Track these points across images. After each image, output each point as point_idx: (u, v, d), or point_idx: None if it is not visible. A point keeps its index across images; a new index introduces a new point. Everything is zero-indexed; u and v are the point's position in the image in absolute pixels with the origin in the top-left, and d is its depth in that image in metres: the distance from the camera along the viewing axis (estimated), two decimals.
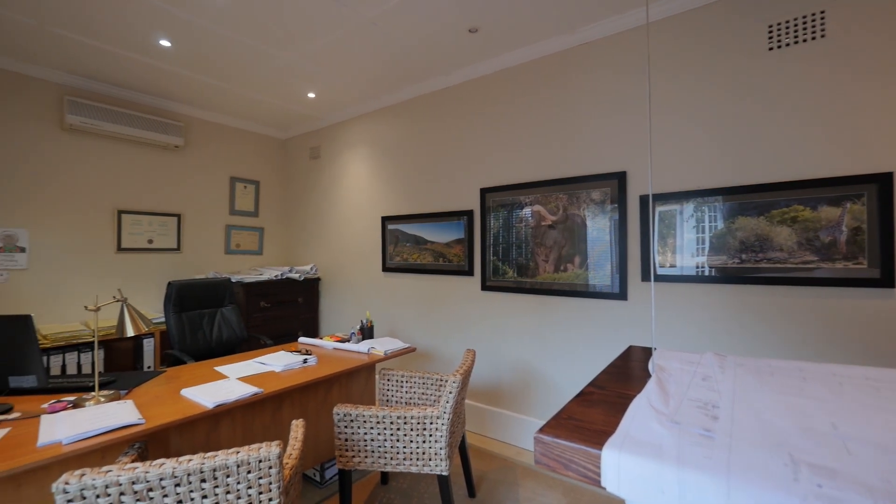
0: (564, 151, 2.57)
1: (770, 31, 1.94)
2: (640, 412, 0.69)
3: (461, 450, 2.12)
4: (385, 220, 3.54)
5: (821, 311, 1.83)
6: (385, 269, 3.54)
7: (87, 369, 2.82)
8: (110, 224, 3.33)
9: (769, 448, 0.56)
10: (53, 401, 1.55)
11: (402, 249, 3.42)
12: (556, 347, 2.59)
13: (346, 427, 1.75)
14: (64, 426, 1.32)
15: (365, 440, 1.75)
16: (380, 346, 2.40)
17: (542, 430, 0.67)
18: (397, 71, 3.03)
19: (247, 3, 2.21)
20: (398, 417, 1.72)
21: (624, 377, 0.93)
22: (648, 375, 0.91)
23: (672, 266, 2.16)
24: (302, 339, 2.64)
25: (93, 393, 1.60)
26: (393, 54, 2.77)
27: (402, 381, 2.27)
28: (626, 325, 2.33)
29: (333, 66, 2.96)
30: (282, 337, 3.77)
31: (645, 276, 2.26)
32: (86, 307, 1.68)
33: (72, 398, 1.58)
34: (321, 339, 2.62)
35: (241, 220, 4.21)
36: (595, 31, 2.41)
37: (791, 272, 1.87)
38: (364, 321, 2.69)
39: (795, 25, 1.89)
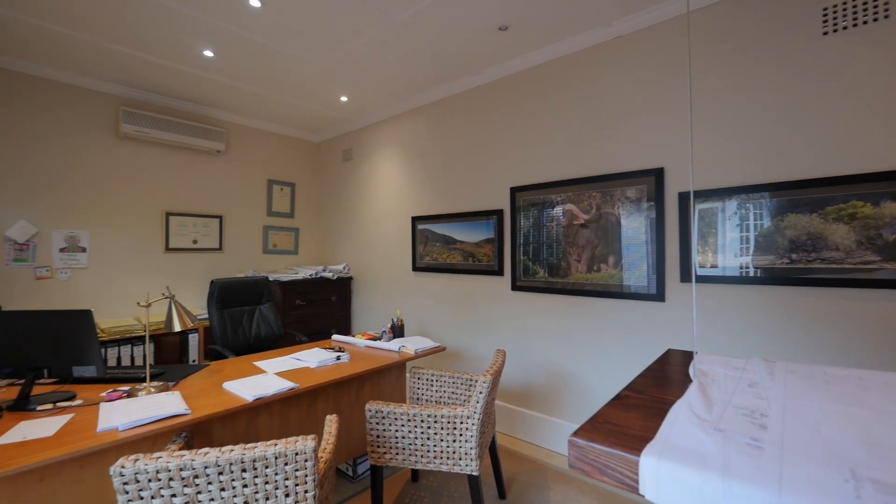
0: (598, 148, 2.50)
1: (825, 14, 1.81)
2: (681, 418, 0.66)
3: (491, 450, 2.11)
4: (415, 220, 3.57)
5: (882, 315, 1.69)
6: (415, 268, 3.57)
7: (138, 361, 3.01)
8: (159, 225, 3.54)
9: (826, 461, 0.52)
10: (110, 390, 1.67)
11: (432, 249, 3.44)
12: (588, 349, 2.53)
13: (377, 423, 1.78)
14: (120, 414, 1.42)
15: (396, 437, 1.77)
16: (410, 344, 2.43)
17: (576, 434, 0.65)
18: (427, 71, 3.05)
19: (282, 10, 2.29)
20: (429, 416, 1.73)
21: (662, 381, 0.90)
22: (689, 380, 0.87)
23: (713, 266, 2.06)
24: (335, 337, 2.71)
25: (144, 384, 1.71)
26: (423, 55, 2.79)
27: (432, 380, 2.29)
28: (664, 328, 2.24)
29: (365, 69, 3.02)
30: (316, 334, 3.88)
31: (684, 277, 2.16)
32: (138, 303, 1.80)
33: (126, 388, 1.69)
34: (353, 336, 2.68)
35: (278, 220, 4.38)
36: (631, 24, 2.33)
37: (848, 273, 1.74)
38: (395, 320, 2.72)
39: (854, 7, 1.75)
